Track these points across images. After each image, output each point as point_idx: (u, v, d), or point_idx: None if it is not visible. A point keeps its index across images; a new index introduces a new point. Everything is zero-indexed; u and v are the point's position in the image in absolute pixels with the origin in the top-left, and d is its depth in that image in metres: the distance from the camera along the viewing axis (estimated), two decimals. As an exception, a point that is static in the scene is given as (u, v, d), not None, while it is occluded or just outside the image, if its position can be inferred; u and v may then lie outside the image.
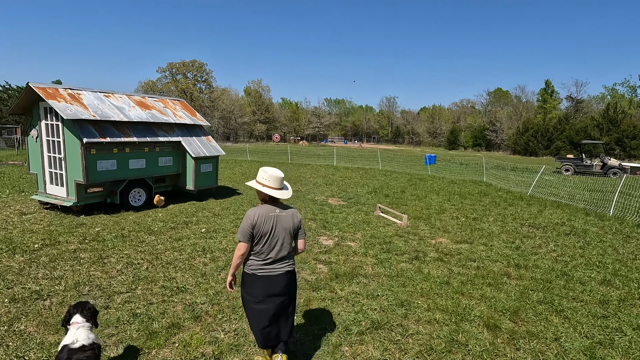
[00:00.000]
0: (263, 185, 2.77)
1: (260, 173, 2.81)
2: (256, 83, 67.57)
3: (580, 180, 16.97)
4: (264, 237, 2.70)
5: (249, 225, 2.66)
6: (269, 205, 2.78)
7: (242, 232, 2.67)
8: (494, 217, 8.78)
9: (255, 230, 2.67)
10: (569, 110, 51.27)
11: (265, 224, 2.69)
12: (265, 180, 2.76)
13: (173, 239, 6.22)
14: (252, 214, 2.69)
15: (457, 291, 4.48)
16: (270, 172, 2.78)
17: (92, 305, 2.61)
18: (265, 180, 2.76)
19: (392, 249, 6.06)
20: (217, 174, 10.03)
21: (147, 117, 8.57)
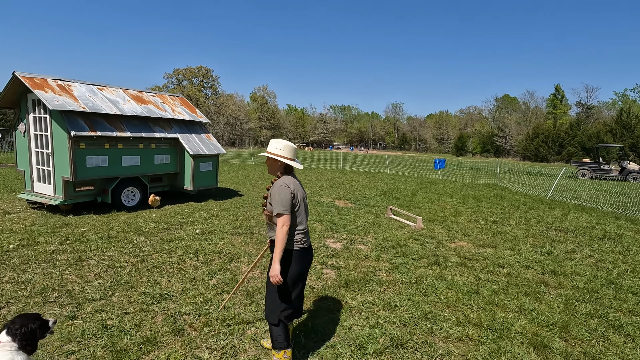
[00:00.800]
0: (279, 155, 2.52)
1: (272, 144, 2.55)
2: (262, 89, 67.58)
3: (599, 184, 16.14)
4: (301, 206, 2.55)
5: (290, 195, 2.43)
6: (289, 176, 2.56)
7: (283, 203, 2.39)
8: (515, 220, 8.06)
9: (295, 200, 2.49)
10: (579, 117, 50.24)
11: (299, 192, 2.53)
12: (280, 151, 2.53)
13: (164, 241, 5.62)
14: (288, 183, 2.47)
15: (490, 301, 3.79)
16: (283, 142, 2.56)
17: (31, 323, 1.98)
18: (280, 150, 2.53)
19: (408, 252, 5.39)
20: (217, 174, 9.45)
21: (142, 112, 8.05)
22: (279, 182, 2.47)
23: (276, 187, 2.44)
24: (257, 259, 3.12)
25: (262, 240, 5.83)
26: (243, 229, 6.51)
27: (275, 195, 2.41)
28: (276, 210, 2.38)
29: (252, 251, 5.28)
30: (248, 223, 6.96)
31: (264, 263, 4.79)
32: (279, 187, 2.43)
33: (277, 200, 2.39)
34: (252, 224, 6.93)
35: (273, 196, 2.43)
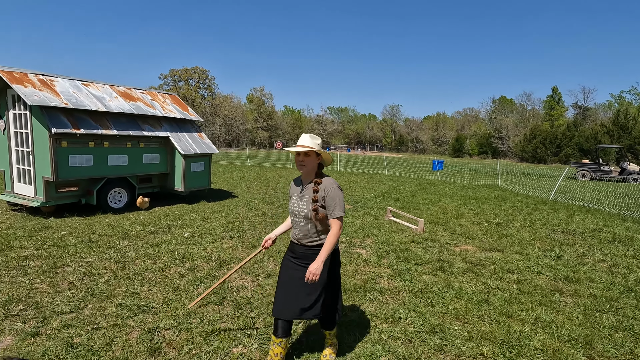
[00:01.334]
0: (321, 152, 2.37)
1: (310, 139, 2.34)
2: (259, 90, 67.22)
3: (601, 185, 15.90)
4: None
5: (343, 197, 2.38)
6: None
7: (342, 206, 2.34)
8: (520, 223, 7.74)
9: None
10: (576, 118, 50.27)
11: None
12: (320, 147, 2.35)
13: (149, 245, 5.24)
14: (338, 185, 2.38)
15: (502, 312, 3.45)
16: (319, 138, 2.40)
17: None
18: (320, 146, 2.35)
19: (410, 257, 5.04)
20: (209, 174, 9.08)
21: (130, 109, 7.67)
22: (332, 183, 2.35)
23: (333, 190, 2.32)
24: (246, 260, 2.84)
25: (255, 244, 5.47)
26: (235, 232, 6.14)
27: (334, 198, 2.30)
28: (338, 214, 2.30)
29: (243, 256, 4.92)
30: (241, 226, 6.59)
31: (256, 270, 4.43)
32: (335, 189, 2.33)
33: (337, 202, 2.30)
34: (244, 226, 6.56)
35: (332, 198, 2.30)
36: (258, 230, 6.37)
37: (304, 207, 2.34)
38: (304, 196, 2.37)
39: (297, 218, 2.40)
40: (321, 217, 2.31)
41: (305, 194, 2.36)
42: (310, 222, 2.34)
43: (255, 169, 18.96)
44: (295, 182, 2.53)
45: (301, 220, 2.37)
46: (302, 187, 2.41)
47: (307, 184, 2.39)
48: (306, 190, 2.37)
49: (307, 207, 2.32)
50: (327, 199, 2.30)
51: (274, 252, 5.11)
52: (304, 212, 2.33)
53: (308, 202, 2.32)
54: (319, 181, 2.33)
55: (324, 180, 2.34)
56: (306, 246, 2.38)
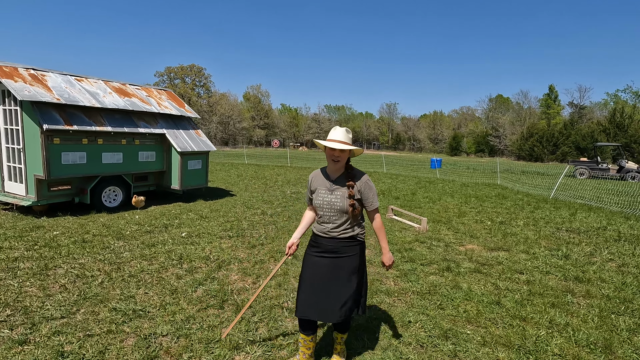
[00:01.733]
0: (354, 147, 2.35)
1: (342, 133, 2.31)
2: (255, 88, 66.86)
3: (599, 183, 15.88)
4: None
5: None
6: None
7: (377, 197, 2.45)
8: (523, 221, 7.63)
9: None
10: (572, 117, 50.44)
11: None
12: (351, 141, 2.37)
13: (145, 245, 5.05)
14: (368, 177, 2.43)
15: (516, 315, 3.31)
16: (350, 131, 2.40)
17: None
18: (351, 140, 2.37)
19: (416, 257, 4.89)
20: (207, 172, 8.89)
21: (125, 105, 7.46)
22: (364, 176, 2.38)
23: (368, 183, 2.38)
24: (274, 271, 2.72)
25: (255, 244, 5.30)
26: (234, 231, 5.97)
27: (371, 191, 2.37)
28: (376, 204, 2.40)
29: (243, 257, 4.75)
30: (239, 225, 6.42)
31: (257, 271, 4.26)
32: (369, 182, 2.39)
33: (374, 195, 2.39)
34: (243, 225, 6.39)
35: (368, 191, 2.36)
36: (257, 229, 6.20)
37: (337, 200, 2.31)
38: (336, 190, 2.33)
39: (328, 212, 2.34)
40: (357, 212, 2.34)
41: (338, 187, 2.33)
42: (344, 215, 2.33)
43: (252, 167, 18.76)
44: (319, 175, 2.45)
45: (334, 214, 2.33)
46: (332, 180, 2.37)
47: (337, 177, 2.36)
48: (338, 184, 2.34)
49: (341, 201, 2.29)
50: (363, 193, 2.35)
51: (274, 252, 4.95)
52: (338, 206, 2.31)
53: (342, 196, 2.30)
54: (352, 175, 2.34)
55: (355, 173, 2.37)
56: (338, 239, 2.36)
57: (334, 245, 2.35)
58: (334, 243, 2.35)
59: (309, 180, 2.50)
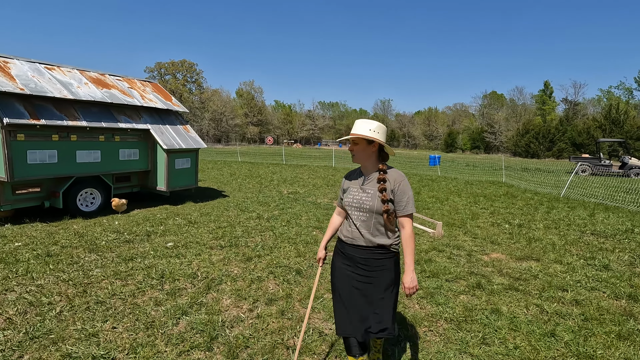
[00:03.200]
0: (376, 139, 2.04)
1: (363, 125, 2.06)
2: (248, 84, 65.71)
3: (604, 181, 15.41)
4: None
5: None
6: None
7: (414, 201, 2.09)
8: (543, 223, 7.01)
9: None
10: (567, 113, 50.34)
11: None
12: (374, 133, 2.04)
13: (122, 259, 4.30)
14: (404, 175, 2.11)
15: (581, 354, 2.65)
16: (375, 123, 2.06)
17: None
18: (374, 132, 2.04)
19: (438, 270, 4.22)
20: (196, 172, 8.13)
21: (103, 97, 6.65)
22: (400, 175, 2.09)
23: (404, 182, 2.08)
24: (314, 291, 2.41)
25: (250, 256, 4.58)
26: (226, 240, 5.24)
27: (406, 192, 2.05)
28: (410, 210, 2.06)
29: (236, 273, 4.03)
30: (232, 232, 5.69)
31: (253, 293, 3.54)
32: (405, 182, 2.10)
33: (410, 197, 2.06)
34: (237, 232, 5.66)
35: (403, 192, 2.05)
36: (253, 236, 5.48)
37: (368, 199, 2.06)
38: (367, 188, 2.09)
39: (357, 212, 2.09)
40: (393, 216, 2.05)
41: (369, 185, 2.09)
42: (375, 217, 2.05)
43: (246, 165, 17.98)
44: (350, 176, 2.24)
45: (364, 214, 2.07)
46: (364, 178, 2.14)
47: (370, 175, 2.12)
48: (370, 182, 2.10)
49: (372, 200, 2.04)
50: (397, 193, 2.05)
51: (274, 267, 4.23)
52: (367, 205, 2.05)
53: (373, 194, 2.05)
54: (386, 172, 2.07)
55: (389, 172, 2.08)
56: (365, 248, 2.07)
57: (363, 256, 2.08)
58: (363, 254, 2.08)
59: (343, 179, 2.27)
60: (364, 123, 2.06)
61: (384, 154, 2.11)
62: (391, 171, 2.08)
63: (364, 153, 2.06)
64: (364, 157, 2.08)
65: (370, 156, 2.08)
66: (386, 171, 2.06)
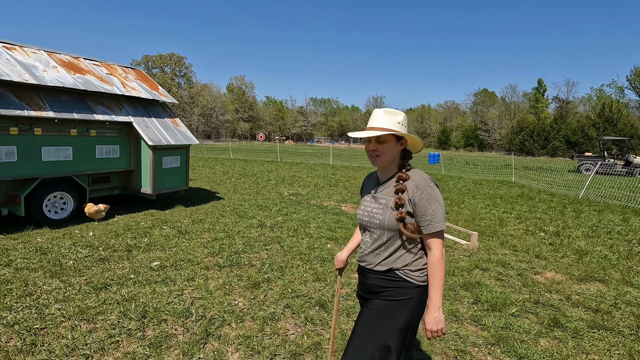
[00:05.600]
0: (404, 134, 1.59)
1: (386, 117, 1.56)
2: (239, 79, 64.20)
3: (612, 180, 14.89)
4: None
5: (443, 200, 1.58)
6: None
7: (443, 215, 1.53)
8: (580, 231, 6.27)
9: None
10: (560, 111, 50.40)
11: None
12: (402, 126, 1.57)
13: (92, 287, 3.33)
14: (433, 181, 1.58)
15: None
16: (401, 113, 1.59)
17: None
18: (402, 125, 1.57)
19: (495, 300, 3.36)
20: (187, 171, 7.14)
21: (75, 84, 5.61)
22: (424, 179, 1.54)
23: (428, 189, 1.51)
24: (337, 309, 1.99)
25: (258, 280, 3.65)
26: (225, 256, 4.30)
27: (431, 202, 1.50)
28: (437, 227, 1.49)
29: (242, 307, 3.11)
30: (232, 244, 4.75)
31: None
32: (431, 188, 1.52)
33: (436, 209, 1.49)
34: (237, 246, 4.72)
35: (426, 202, 1.50)
36: (257, 251, 4.56)
37: (379, 211, 1.59)
38: (380, 196, 1.62)
39: (369, 227, 1.63)
40: (411, 230, 1.52)
41: (383, 193, 1.61)
42: (388, 233, 1.56)
43: (239, 163, 16.95)
44: (368, 179, 1.79)
45: (375, 231, 1.61)
46: (379, 184, 1.67)
47: (385, 179, 1.64)
48: (385, 189, 1.62)
49: (383, 212, 1.57)
50: (418, 204, 1.51)
51: (290, 296, 3.32)
52: (378, 219, 1.58)
53: (386, 204, 1.57)
54: (405, 176, 1.56)
55: (411, 175, 1.57)
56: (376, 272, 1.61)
57: (374, 282, 1.62)
58: (375, 281, 1.62)
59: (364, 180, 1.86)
60: (389, 115, 1.57)
61: (407, 152, 1.66)
62: (413, 172, 1.59)
63: (392, 153, 1.59)
64: (391, 158, 1.61)
65: (396, 156, 1.62)
66: (407, 175, 1.57)
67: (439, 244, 1.51)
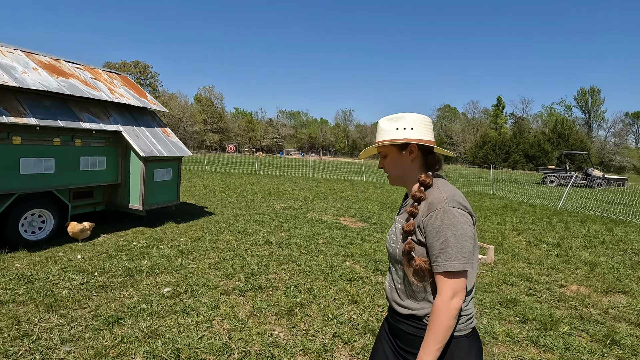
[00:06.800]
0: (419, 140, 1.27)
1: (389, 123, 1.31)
2: (208, 90, 62.83)
3: (576, 191, 15.89)
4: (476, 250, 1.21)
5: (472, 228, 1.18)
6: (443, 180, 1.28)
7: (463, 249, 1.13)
8: (577, 242, 6.47)
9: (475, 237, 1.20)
10: (517, 127, 53.90)
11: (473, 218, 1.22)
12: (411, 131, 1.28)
13: (101, 322, 2.84)
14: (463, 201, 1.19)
15: None
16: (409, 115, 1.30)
17: None
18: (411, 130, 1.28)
19: (543, 318, 3.26)
20: (178, 185, 6.64)
21: (59, 88, 5.03)
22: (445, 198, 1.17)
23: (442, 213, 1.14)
24: None
25: (290, 305, 3.32)
26: (242, 278, 3.92)
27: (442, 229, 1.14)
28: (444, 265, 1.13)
29: (286, 339, 2.77)
30: (245, 265, 4.36)
31: None
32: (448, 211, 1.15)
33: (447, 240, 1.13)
34: (251, 266, 4.34)
35: (436, 230, 1.14)
36: (275, 272, 4.20)
37: (394, 240, 1.29)
38: (399, 220, 1.32)
39: (389, 258, 1.34)
40: (419, 265, 1.18)
41: (402, 216, 1.31)
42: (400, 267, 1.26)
43: (217, 175, 16.28)
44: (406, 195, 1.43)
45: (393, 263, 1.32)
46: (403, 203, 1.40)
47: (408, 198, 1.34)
48: (404, 210, 1.31)
49: (397, 241, 1.27)
50: (428, 230, 1.17)
51: (332, 323, 3.02)
52: (392, 250, 1.29)
53: (400, 231, 1.27)
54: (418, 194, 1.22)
55: (432, 190, 1.22)
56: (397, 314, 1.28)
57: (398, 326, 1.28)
58: (398, 322, 1.28)
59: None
60: (388, 122, 1.32)
61: (431, 160, 1.30)
62: (435, 188, 1.23)
63: (400, 166, 1.31)
64: (402, 173, 1.32)
65: (412, 169, 1.30)
66: (429, 185, 1.24)
67: (448, 288, 1.13)
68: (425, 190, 1.23)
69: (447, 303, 1.12)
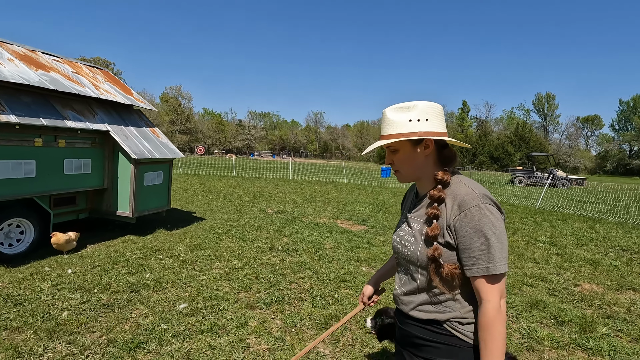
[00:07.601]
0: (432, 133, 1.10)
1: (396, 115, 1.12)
2: (175, 89, 60.57)
3: (550, 191, 16.78)
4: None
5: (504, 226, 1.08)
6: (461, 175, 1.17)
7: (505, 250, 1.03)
8: (569, 240, 6.73)
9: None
10: (482, 129, 56.47)
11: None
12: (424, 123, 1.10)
13: (120, 348, 2.49)
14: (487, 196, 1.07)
15: None
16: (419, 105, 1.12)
17: None
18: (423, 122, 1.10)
19: (578, 320, 3.27)
20: (169, 189, 6.19)
21: (41, 82, 4.48)
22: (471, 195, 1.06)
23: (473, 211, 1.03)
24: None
25: (324, 316, 3.10)
26: (262, 289, 3.64)
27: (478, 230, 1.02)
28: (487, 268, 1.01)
29: (334, 356, 2.55)
30: (259, 275, 4.07)
31: None
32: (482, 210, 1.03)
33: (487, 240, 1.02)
34: (266, 275, 4.06)
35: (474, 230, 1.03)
36: (293, 281, 3.96)
37: (410, 240, 1.16)
38: (415, 219, 1.18)
39: (401, 258, 1.22)
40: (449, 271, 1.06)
41: (417, 215, 1.17)
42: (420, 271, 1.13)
43: (193, 178, 15.58)
44: (409, 192, 1.33)
45: (407, 265, 1.19)
46: (415, 200, 1.23)
47: (423, 195, 1.19)
48: (419, 209, 1.17)
49: (415, 242, 1.14)
50: (459, 232, 1.05)
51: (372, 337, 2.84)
52: (409, 250, 1.16)
53: (419, 230, 1.14)
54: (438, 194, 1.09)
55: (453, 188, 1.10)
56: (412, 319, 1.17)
57: (412, 330, 1.17)
58: (412, 327, 1.17)
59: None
60: (397, 112, 1.13)
61: (446, 154, 1.17)
62: (456, 184, 1.12)
63: (413, 163, 1.15)
64: (415, 170, 1.16)
65: (426, 165, 1.15)
66: (447, 184, 1.12)
67: (495, 293, 1.02)
68: (444, 188, 1.11)
69: (498, 309, 1.01)
